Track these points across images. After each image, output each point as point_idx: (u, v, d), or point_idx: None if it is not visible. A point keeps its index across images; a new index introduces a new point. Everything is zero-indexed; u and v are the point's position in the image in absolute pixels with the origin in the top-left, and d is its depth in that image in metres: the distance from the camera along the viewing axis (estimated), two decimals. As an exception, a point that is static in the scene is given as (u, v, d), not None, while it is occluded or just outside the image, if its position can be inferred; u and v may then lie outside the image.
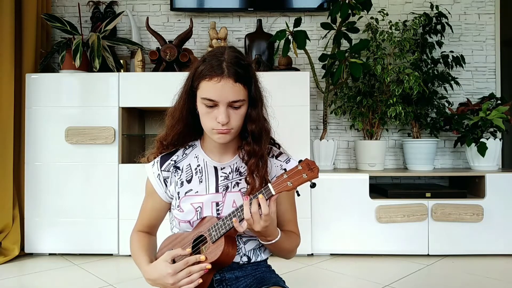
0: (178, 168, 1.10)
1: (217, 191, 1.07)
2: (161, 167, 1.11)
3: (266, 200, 0.94)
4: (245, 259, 1.08)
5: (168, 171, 1.11)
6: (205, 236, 1.02)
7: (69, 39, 2.54)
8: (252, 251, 1.09)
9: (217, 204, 1.06)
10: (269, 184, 0.95)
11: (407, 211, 2.41)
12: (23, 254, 2.44)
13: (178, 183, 1.09)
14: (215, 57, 1.00)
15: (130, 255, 2.39)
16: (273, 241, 1.01)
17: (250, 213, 0.94)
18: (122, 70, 2.71)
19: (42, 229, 2.42)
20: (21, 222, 2.46)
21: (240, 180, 1.08)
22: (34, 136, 2.44)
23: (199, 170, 1.09)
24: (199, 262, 0.97)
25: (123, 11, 2.78)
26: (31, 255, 2.46)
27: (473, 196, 2.54)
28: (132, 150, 2.65)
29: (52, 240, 2.43)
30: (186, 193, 1.08)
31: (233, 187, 1.07)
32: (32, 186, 2.43)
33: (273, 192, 0.94)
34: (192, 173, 1.09)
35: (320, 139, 2.73)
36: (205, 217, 1.05)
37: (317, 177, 0.94)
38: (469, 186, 2.65)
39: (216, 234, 1.00)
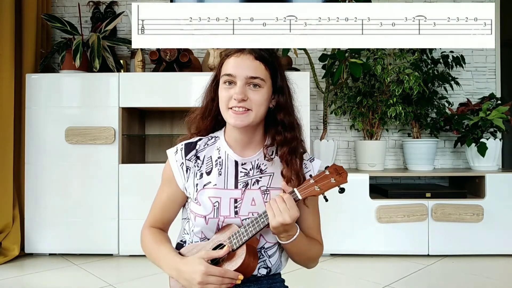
0: (198, 158, 1.05)
1: (236, 187, 1.02)
2: (185, 156, 1.05)
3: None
4: (263, 271, 1.03)
5: (191, 160, 1.05)
6: (225, 245, 0.96)
7: (69, 39, 2.54)
8: (275, 263, 1.05)
9: (236, 201, 1.01)
10: (295, 189, 0.94)
11: (407, 211, 2.41)
12: (23, 254, 2.44)
13: (198, 175, 1.04)
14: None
15: (130, 255, 2.40)
16: (293, 238, 0.97)
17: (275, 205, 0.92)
18: (122, 70, 2.71)
19: (42, 229, 2.42)
20: (21, 222, 2.46)
21: (260, 177, 1.03)
22: (34, 136, 2.44)
23: (219, 162, 1.04)
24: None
25: (123, 11, 2.77)
26: (31, 255, 2.46)
27: (473, 196, 2.54)
28: (132, 150, 2.65)
29: (52, 240, 2.43)
30: (204, 185, 1.02)
31: (253, 184, 1.02)
32: (32, 186, 2.43)
33: (300, 197, 0.93)
34: (212, 165, 1.04)
35: (320, 139, 2.73)
36: (225, 225, 1.00)
37: (346, 181, 0.92)
38: (469, 186, 2.64)
39: (237, 242, 0.94)
